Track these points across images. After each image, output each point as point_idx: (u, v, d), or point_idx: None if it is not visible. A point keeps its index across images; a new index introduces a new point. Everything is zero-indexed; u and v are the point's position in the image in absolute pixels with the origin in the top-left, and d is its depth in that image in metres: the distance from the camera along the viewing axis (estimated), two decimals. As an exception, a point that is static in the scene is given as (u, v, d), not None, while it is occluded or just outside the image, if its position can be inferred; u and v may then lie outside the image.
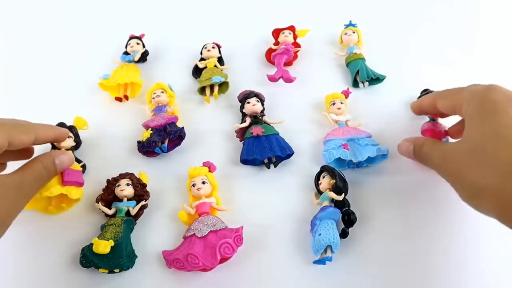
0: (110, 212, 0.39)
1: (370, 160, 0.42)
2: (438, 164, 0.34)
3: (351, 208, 0.38)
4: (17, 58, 0.59)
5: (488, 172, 0.28)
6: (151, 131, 0.45)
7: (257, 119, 0.46)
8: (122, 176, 0.41)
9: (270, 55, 0.55)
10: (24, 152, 0.39)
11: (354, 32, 0.56)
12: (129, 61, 0.54)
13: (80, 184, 0.41)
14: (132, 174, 0.41)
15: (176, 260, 0.34)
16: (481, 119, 0.30)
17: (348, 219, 0.36)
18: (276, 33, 0.57)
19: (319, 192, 0.40)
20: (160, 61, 0.58)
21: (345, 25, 0.57)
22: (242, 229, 0.36)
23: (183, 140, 0.45)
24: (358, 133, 0.45)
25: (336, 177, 0.38)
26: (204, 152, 0.45)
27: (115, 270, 0.35)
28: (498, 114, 0.29)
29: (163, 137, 0.44)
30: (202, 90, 0.51)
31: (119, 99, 0.51)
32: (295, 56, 0.55)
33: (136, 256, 0.37)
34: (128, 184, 0.40)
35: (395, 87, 0.52)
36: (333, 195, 0.38)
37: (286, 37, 0.56)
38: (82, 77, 0.54)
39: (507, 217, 0.27)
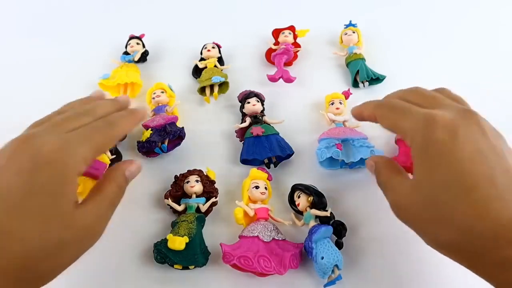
0: (179, 208, 0.39)
1: (363, 162, 0.41)
2: (393, 209, 0.30)
3: (336, 214, 0.37)
4: (17, 58, 0.59)
5: (445, 230, 0.26)
6: (151, 131, 0.45)
7: (257, 119, 0.46)
8: (191, 172, 0.41)
9: (270, 55, 0.55)
10: None
11: (354, 32, 0.56)
12: (129, 61, 0.54)
13: (95, 177, 0.39)
14: (200, 170, 0.41)
15: (244, 257, 0.33)
16: (427, 167, 0.27)
17: (340, 230, 0.36)
18: (276, 33, 0.57)
19: (298, 212, 0.39)
20: (160, 61, 0.58)
21: (345, 25, 0.57)
22: (302, 246, 0.36)
23: (183, 140, 0.45)
24: (354, 134, 0.44)
25: (312, 193, 0.37)
26: (204, 152, 0.45)
27: (189, 267, 0.35)
28: (444, 160, 0.26)
29: (163, 137, 0.44)
30: (202, 90, 0.51)
31: (119, 99, 0.51)
32: (295, 56, 0.55)
33: (209, 253, 0.36)
34: (197, 181, 0.40)
35: (395, 87, 0.51)
36: (317, 212, 0.36)
37: (286, 37, 0.56)
38: (82, 77, 0.54)
39: (477, 271, 0.25)
